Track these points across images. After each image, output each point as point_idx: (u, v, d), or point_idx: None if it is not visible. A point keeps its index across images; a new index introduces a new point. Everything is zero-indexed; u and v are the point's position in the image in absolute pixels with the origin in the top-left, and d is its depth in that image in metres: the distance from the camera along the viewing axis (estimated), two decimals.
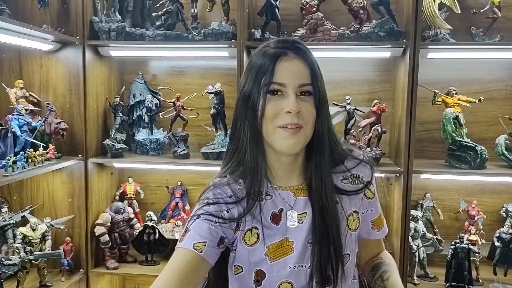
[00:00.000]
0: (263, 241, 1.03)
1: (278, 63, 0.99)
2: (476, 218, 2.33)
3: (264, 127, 1.01)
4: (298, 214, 1.05)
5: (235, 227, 1.04)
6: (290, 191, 1.08)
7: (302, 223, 1.05)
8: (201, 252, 0.96)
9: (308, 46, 1.06)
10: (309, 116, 1.00)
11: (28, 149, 2.07)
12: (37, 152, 2.09)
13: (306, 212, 1.05)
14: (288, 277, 1.03)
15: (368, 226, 1.16)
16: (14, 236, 2.14)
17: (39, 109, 2.32)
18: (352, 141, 2.25)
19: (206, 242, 0.98)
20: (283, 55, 1.00)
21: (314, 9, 2.23)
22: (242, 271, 1.06)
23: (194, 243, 0.97)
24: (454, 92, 2.26)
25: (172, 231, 2.47)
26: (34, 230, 2.16)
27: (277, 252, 1.03)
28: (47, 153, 2.17)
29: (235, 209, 1.04)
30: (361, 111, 2.29)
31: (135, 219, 2.52)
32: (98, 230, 2.37)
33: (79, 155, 2.33)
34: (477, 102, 2.24)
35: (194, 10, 2.37)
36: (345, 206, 1.07)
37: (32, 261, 2.11)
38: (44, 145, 2.19)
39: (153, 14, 2.37)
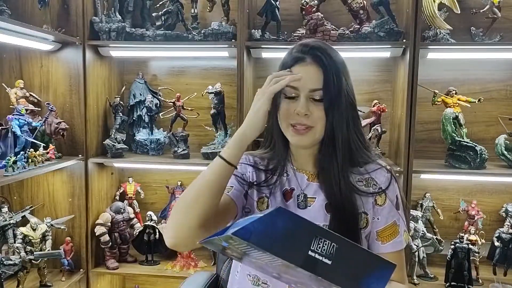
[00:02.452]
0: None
1: (294, 67, 1.09)
2: (476, 218, 2.33)
3: (280, 123, 1.12)
4: (308, 198, 1.14)
5: (246, 189, 1.17)
6: (305, 174, 1.17)
7: (310, 206, 1.13)
8: (228, 192, 1.12)
9: None
10: (319, 119, 1.07)
11: (28, 149, 2.07)
12: (38, 152, 2.09)
13: (315, 198, 1.13)
14: None
15: (373, 236, 1.14)
16: (15, 236, 2.15)
17: (40, 109, 2.33)
18: None
19: (233, 186, 1.13)
20: (300, 60, 1.08)
21: (314, 9, 2.23)
22: None
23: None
24: (454, 92, 2.26)
25: None
26: (34, 230, 2.16)
27: None
28: (47, 153, 2.17)
29: (252, 175, 1.18)
30: (361, 111, 2.27)
31: (135, 219, 2.52)
32: (98, 230, 2.37)
33: (80, 155, 2.33)
34: (476, 102, 2.24)
35: (194, 10, 2.37)
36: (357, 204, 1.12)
37: (33, 261, 2.11)
38: (44, 145, 2.20)
39: (153, 14, 2.37)
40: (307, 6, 2.24)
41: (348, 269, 0.74)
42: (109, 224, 2.40)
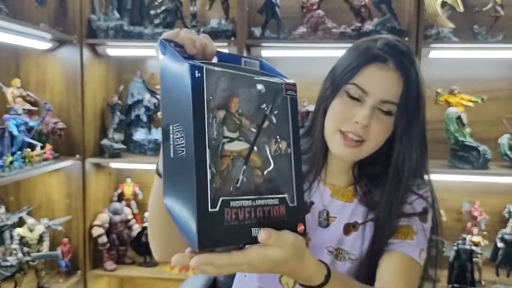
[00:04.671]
0: None
1: (370, 66, 0.92)
2: (478, 219, 2.31)
3: (327, 124, 0.96)
4: (330, 216, 1.01)
5: None
6: (329, 189, 1.04)
7: (327, 226, 1.01)
8: None
9: (308, 45, 1.03)
10: (376, 135, 0.93)
11: (25, 149, 2.05)
12: (35, 152, 2.07)
13: (336, 217, 1.01)
14: None
15: None
16: (11, 237, 2.12)
17: (37, 108, 2.30)
18: None
19: None
20: (380, 61, 0.92)
21: (315, 7, 2.21)
22: None
23: None
24: (456, 91, 2.24)
25: None
26: (31, 231, 2.14)
27: None
28: (44, 153, 2.15)
29: None
30: None
31: (133, 220, 2.50)
32: (96, 231, 2.35)
33: (77, 155, 2.31)
34: (480, 101, 2.22)
35: (193, 8, 2.35)
36: None
37: (30, 262, 2.08)
38: (41, 144, 2.17)
39: (152, 12, 2.35)
40: (308, 3, 2.22)
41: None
42: (107, 225, 2.38)
